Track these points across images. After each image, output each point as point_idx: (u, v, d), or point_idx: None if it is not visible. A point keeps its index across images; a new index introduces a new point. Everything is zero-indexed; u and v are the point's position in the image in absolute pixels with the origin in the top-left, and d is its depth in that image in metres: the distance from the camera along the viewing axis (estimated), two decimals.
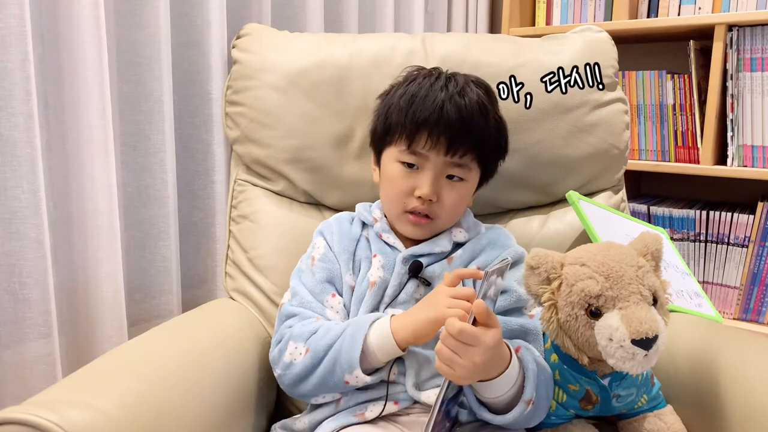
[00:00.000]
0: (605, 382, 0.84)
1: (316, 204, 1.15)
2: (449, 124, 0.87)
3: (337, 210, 1.10)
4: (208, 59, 1.19)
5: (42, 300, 0.97)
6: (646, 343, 0.73)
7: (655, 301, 0.78)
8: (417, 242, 0.94)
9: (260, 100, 1.11)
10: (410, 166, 0.91)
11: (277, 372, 0.89)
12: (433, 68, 0.97)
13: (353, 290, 0.93)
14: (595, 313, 0.77)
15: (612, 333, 0.74)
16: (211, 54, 1.19)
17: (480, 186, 0.98)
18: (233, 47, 1.17)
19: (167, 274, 1.17)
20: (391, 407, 0.86)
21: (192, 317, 0.98)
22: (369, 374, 0.83)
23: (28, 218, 0.95)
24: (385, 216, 0.98)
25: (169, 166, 1.14)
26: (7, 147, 0.93)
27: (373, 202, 1.02)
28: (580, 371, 0.84)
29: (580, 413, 0.87)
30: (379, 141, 0.96)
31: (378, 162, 0.98)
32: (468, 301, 0.78)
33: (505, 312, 0.90)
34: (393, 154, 0.92)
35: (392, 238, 0.95)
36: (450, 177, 0.91)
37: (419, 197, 0.89)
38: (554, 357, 0.87)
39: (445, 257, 0.94)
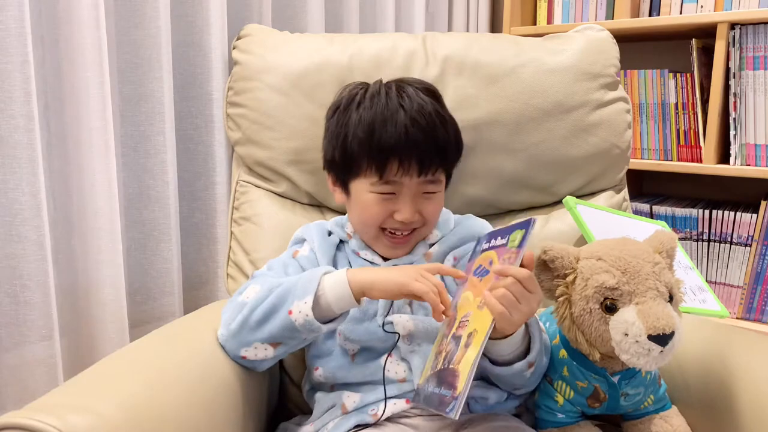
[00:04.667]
0: (615, 379, 0.83)
1: (319, 206, 1.14)
2: (418, 147, 0.85)
3: (340, 212, 1.10)
4: (209, 60, 1.19)
5: (43, 302, 0.97)
6: (662, 339, 0.72)
7: (671, 298, 0.78)
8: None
9: (261, 102, 1.11)
10: (385, 194, 0.88)
11: (224, 329, 0.86)
12: (374, 83, 0.93)
13: None
14: (610, 308, 0.77)
15: (628, 328, 0.74)
16: (211, 55, 1.19)
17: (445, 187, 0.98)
18: (234, 48, 1.16)
19: (168, 275, 1.17)
20: (402, 405, 0.85)
21: (193, 319, 0.97)
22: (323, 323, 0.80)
23: (28, 220, 0.95)
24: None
25: (170, 167, 1.14)
26: (7, 149, 0.93)
27: None
28: (590, 368, 0.83)
29: (587, 411, 0.87)
30: (341, 171, 0.92)
31: (342, 188, 0.94)
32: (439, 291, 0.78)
33: None
34: (364, 186, 0.89)
35: (370, 255, 0.94)
36: (425, 193, 0.90)
37: (400, 221, 0.88)
38: (563, 353, 0.86)
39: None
